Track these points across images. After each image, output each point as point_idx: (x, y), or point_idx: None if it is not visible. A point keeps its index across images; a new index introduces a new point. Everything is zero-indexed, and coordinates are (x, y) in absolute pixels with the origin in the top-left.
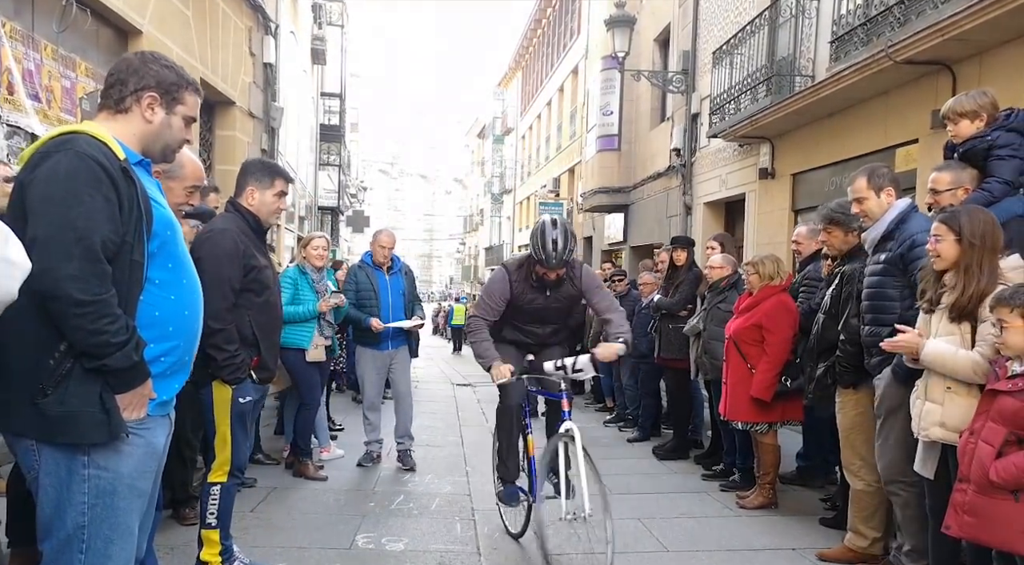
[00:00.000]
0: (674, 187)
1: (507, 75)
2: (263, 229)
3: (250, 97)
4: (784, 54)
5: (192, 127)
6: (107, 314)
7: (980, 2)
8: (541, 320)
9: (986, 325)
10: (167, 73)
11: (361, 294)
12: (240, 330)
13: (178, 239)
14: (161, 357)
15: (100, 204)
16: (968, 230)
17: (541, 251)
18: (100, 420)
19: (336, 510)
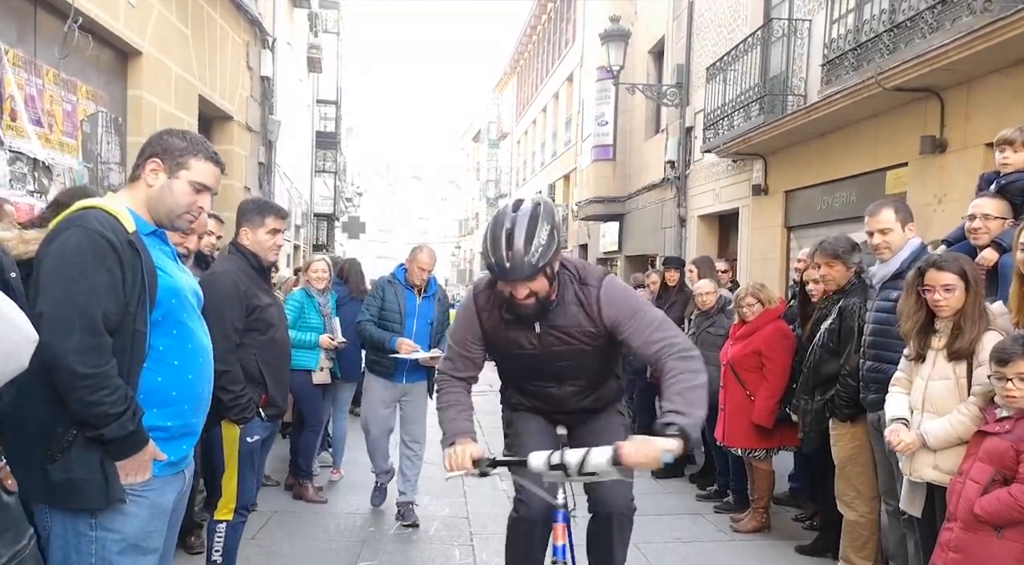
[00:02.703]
0: (668, 199)
1: (502, 80)
2: (264, 267)
3: (248, 111)
4: (776, 72)
5: (204, 195)
6: (106, 386)
7: (965, 36)
8: (548, 374)
9: (982, 371)
10: (175, 141)
11: (385, 313)
12: (246, 369)
13: (185, 305)
14: (166, 422)
15: (103, 278)
16: (973, 278)
17: (490, 253)
18: (100, 487)
19: (337, 536)
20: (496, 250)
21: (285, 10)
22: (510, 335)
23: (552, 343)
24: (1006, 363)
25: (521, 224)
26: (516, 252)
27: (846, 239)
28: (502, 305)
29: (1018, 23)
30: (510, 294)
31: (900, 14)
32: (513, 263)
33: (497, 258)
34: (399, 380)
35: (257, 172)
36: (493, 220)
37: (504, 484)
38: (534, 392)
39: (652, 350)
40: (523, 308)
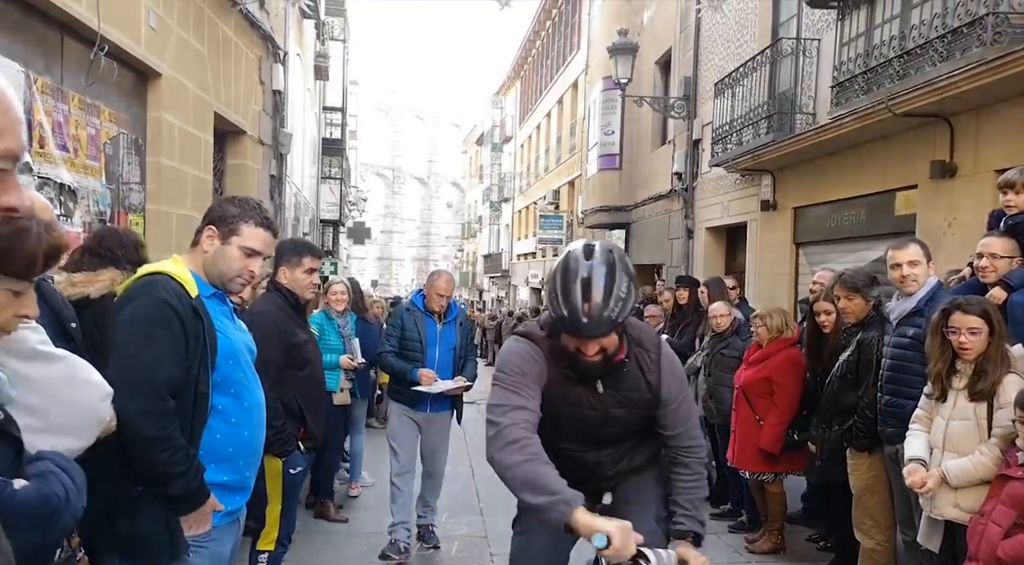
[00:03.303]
0: (676, 210)
1: (506, 84)
2: (301, 304)
3: (260, 125)
4: (785, 88)
5: (255, 259)
6: (170, 447)
7: (975, 66)
8: (594, 438)
9: (1003, 413)
10: (230, 208)
11: (406, 343)
12: (286, 404)
13: (242, 364)
14: (223, 477)
15: (168, 345)
16: (998, 321)
17: (562, 304)
18: (165, 541)
19: (360, 556)
20: (570, 301)
21: (294, 22)
22: (571, 392)
23: (611, 405)
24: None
25: (599, 274)
26: (594, 305)
27: (866, 274)
28: (565, 359)
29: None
30: (576, 349)
31: (911, 41)
32: (591, 318)
33: (571, 310)
34: (423, 409)
35: (269, 184)
36: (563, 267)
37: None
38: (567, 458)
39: (684, 443)
40: (589, 365)
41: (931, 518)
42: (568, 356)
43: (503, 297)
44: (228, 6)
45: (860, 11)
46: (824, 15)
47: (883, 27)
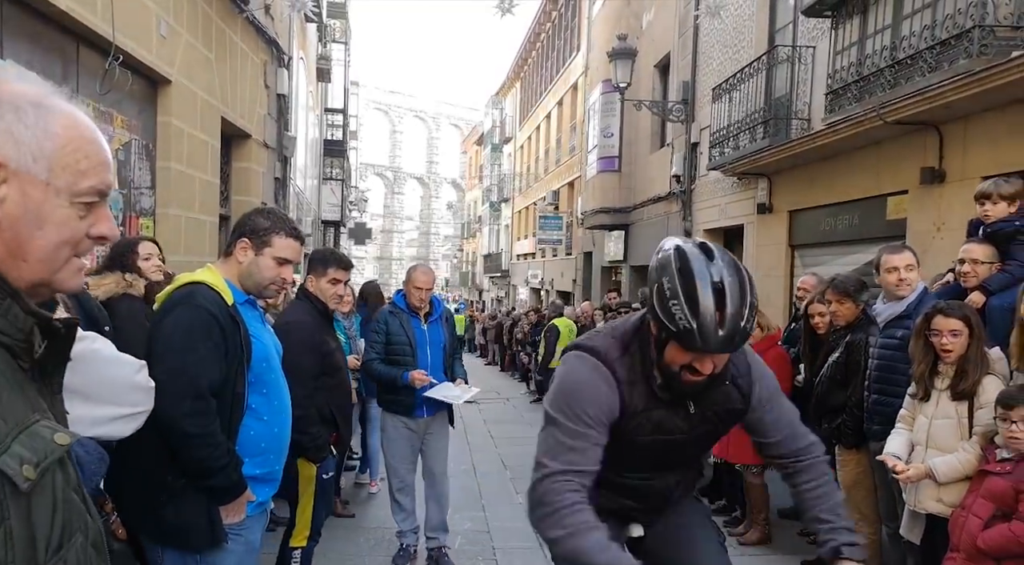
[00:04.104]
0: (674, 212)
1: (505, 85)
2: (329, 313)
3: (265, 129)
4: (781, 94)
5: (287, 267)
6: (212, 443)
7: (962, 77)
8: (664, 463)
9: (983, 412)
10: (261, 221)
11: (393, 346)
12: (320, 411)
13: (273, 366)
14: (256, 470)
15: (210, 350)
16: (977, 324)
17: (687, 312)
18: (206, 529)
19: (368, 551)
20: (698, 311)
21: (298, 25)
22: (658, 416)
23: (699, 424)
24: (1011, 407)
25: (731, 278)
26: (729, 316)
27: (856, 279)
28: (655, 375)
29: (1011, 70)
30: (684, 366)
31: (901, 51)
32: (728, 331)
33: (701, 323)
34: (420, 415)
35: (273, 188)
36: (681, 270)
37: (520, 497)
38: (634, 489)
39: (800, 445)
40: (691, 384)
41: (914, 512)
42: (667, 375)
43: (503, 297)
44: (235, 12)
45: (853, 21)
46: (819, 23)
47: (875, 37)
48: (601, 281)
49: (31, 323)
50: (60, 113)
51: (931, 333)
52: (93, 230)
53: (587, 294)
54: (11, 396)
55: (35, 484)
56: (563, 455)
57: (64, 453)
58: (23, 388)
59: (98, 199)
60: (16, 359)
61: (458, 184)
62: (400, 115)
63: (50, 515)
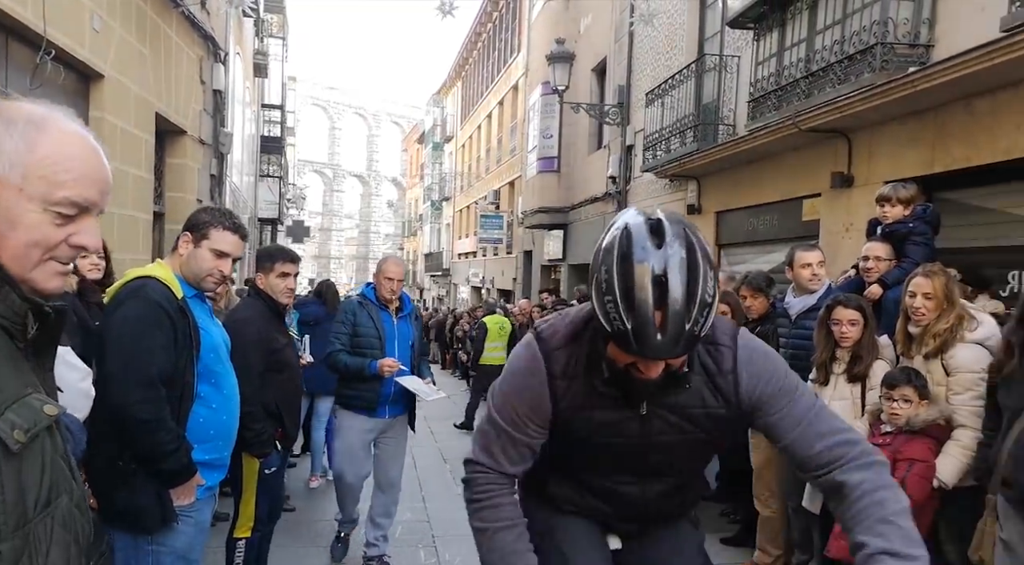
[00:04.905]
0: (611, 211)
1: (447, 83)
2: (280, 309)
3: (201, 125)
4: (709, 100)
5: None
6: (163, 428)
7: (867, 89)
8: (637, 468)
9: (874, 394)
10: (203, 216)
11: (361, 339)
12: (265, 407)
13: (221, 357)
14: (205, 456)
15: (160, 341)
16: (870, 314)
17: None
18: (157, 511)
19: (309, 541)
20: (635, 310)
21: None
22: (601, 417)
23: (660, 430)
24: (894, 387)
25: (678, 269)
26: (674, 315)
27: (764, 275)
28: (602, 375)
29: (907, 85)
30: (631, 367)
31: (815, 64)
32: (669, 333)
33: (638, 324)
34: (381, 415)
35: (209, 184)
36: (620, 257)
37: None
38: (603, 491)
39: (817, 451)
40: (643, 384)
41: None
42: (614, 373)
43: (444, 296)
44: (170, 7)
45: (773, 34)
46: (743, 35)
47: (792, 50)
48: (541, 280)
49: (26, 308)
50: (54, 131)
51: (832, 322)
52: (73, 239)
53: (527, 292)
54: (7, 372)
55: (24, 447)
56: (488, 448)
57: (52, 422)
58: (18, 365)
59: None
60: (12, 340)
61: (399, 182)
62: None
63: (39, 476)
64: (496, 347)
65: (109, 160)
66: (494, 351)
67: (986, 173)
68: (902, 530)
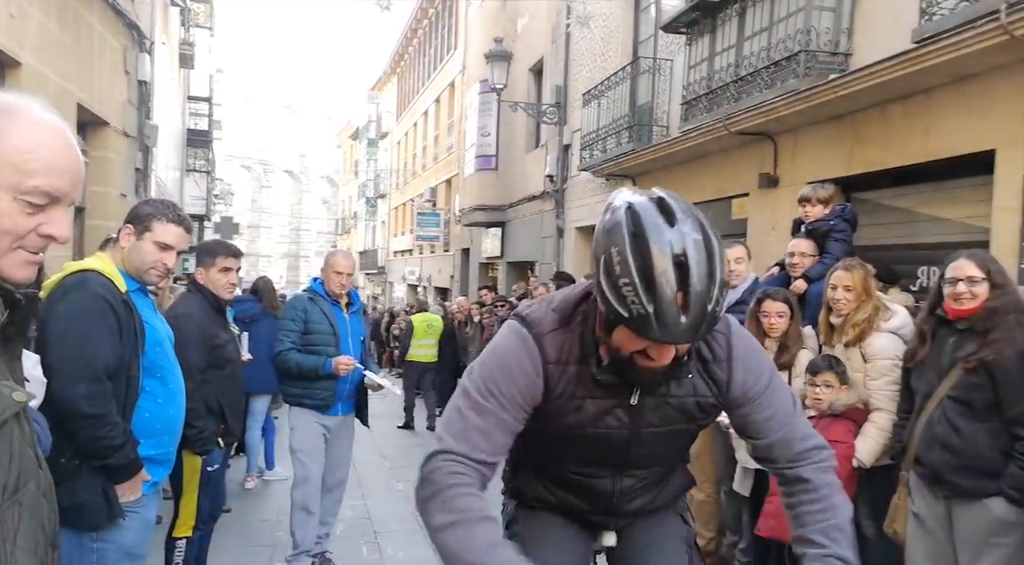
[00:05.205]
0: (548, 210)
1: (382, 79)
2: (221, 305)
3: (125, 116)
4: (644, 102)
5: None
6: (108, 423)
7: (790, 95)
8: (614, 462)
9: (799, 381)
10: (145, 208)
11: (314, 336)
12: (207, 404)
13: (167, 351)
14: (151, 451)
15: (105, 335)
16: (796, 307)
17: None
18: (103, 508)
19: (249, 541)
20: (656, 293)
21: (160, 9)
22: (590, 406)
23: (649, 421)
24: (816, 374)
25: (699, 248)
26: (696, 296)
27: None
28: (598, 361)
29: (828, 91)
30: (635, 354)
31: (743, 69)
32: (691, 315)
33: (661, 308)
34: (335, 412)
35: (133, 178)
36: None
37: (400, 484)
38: (575, 485)
39: (797, 450)
40: (648, 373)
41: (745, 468)
42: (616, 359)
43: (379, 294)
44: None
45: (704, 39)
46: (676, 39)
47: (722, 55)
48: (479, 277)
49: None
50: (25, 120)
51: (762, 314)
52: (42, 229)
53: (465, 290)
54: None
55: None
56: (463, 434)
57: (20, 409)
58: None
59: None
60: None
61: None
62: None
63: (7, 462)
64: (424, 344)
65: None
66: (421, 348)
67: (899, 175)
68: (848, 538)
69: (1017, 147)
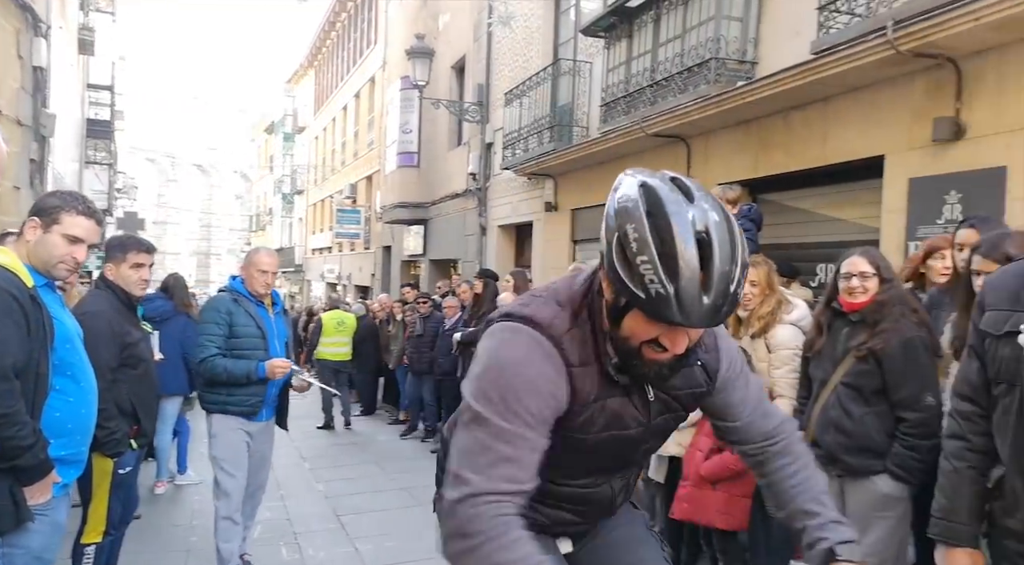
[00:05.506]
0: (471, 208)
1: (298, 72)
2: (133, 302)
3: (18, 104)
4: (564, 102)
5: (79, 246)
6: (17, 423)
7: (701, 100)
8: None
9: None
10: (52, 200)
11: (241, 340)
12: (119, 404)
13: (77, 348)
14: (62, 451)
15: (11, 331)
16: None
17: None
18: (11, 511)
19: (163, 547)
20: (679, 272)
21: None
22: (613, 407)
23: (660, 415)
24: None
25: (720, 225)
26: (720, 276)
27: None
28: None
29: (735, 97)
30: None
31: (659, 74)
32: (715, 297)
33: (683, 287)
34: (262, 418)
35: (28, 170)
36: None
37: (320, 485)
38: (565, 496)
39: (770, 426)
40: (655, 364)
41: (659, 456)
42: (624, 351)
43: (296, 293)
44: None
45: (622, 43)
46: (595, 42)
47: (639, 59)
48: (401, 275)
49: None
50: None
51: None
52: None
53: (387, 288)
54: None
55: None
56: (494, 467)
57: None
58: None
59: None
60: None
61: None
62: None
63: None
64: (335, 342)
65: None
66: (332, 346)
67: (800, 178)
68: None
69: (903, 153)
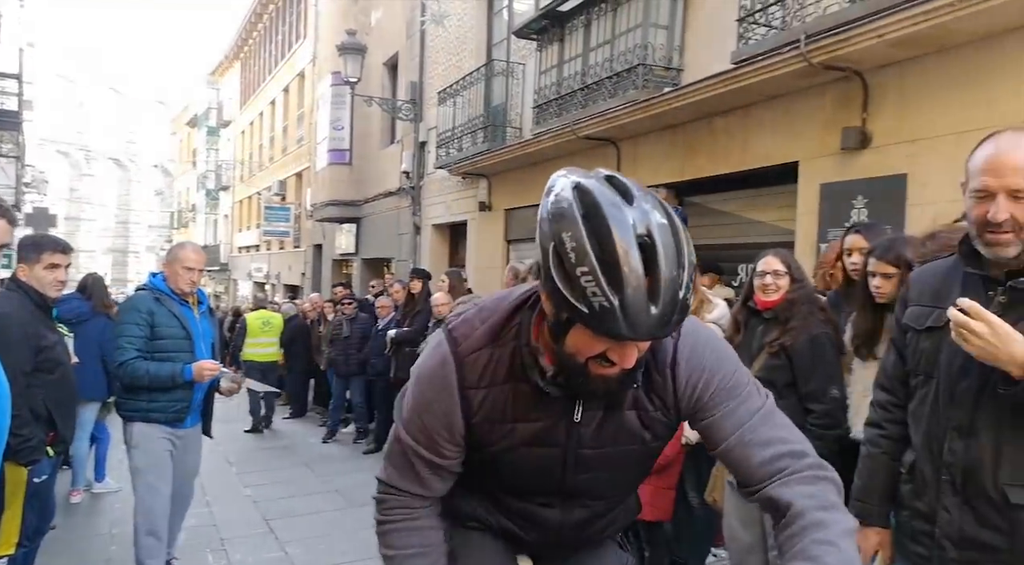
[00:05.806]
0: (404, 207)
1: (223, 64)
2: (47, 304)
3: None
4: (498, 103)
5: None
6: None
7: (630, 104)
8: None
9: None
10: None
11: (165, 341)
12: (34, 410)
13: None
14: None
15: None
16: None
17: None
18: None
19: (81, 558)
20: (623, 278)
21: None
22: (524, 428)
23: (590, 441)
24: None
25: (663, 231)
26: (667, 282)
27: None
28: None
29: (662, 102)
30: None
31: (589, 77)
32: (662, 304)
33: (628, 298)
34: (188, 424)
35: None
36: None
37: (248, 490)
38: (518, 512)
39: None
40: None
41: None
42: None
43: (222, 293)
44: None
45: (553, 46)
46: (528, 44)
47: (571, 62)
48: (332, 274)
49: None
50: None
51: None
52: None
53: (317, 287)
54: None
55: None
56: (400, 471)
57: None
58: None
59: None
60: None
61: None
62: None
63: None
64: (261, 343)
65: None
66: (258, 346)
67: (723, 181)
68: (843, 554)
69: (815, 160)
